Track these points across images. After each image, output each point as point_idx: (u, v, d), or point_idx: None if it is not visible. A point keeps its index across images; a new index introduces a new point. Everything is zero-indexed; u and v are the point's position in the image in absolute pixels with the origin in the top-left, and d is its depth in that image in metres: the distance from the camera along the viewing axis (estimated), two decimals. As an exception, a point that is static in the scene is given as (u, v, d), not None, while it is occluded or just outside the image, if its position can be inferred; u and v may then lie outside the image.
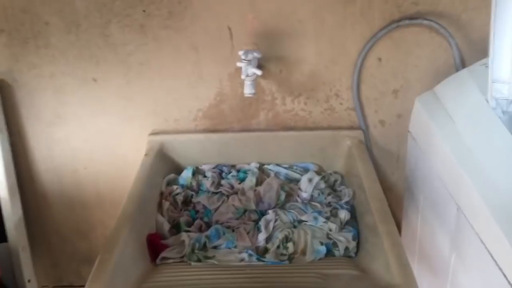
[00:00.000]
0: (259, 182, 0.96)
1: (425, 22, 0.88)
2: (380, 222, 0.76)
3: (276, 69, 0.95)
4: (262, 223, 0.85)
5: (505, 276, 0.54)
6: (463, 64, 0.90)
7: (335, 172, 0.99)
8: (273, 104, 0.99)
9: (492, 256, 0.57)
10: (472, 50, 0.91)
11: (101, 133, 1.02)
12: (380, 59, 0.94)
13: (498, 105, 0.72)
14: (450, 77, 0.84)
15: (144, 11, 0.91)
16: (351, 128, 1.00)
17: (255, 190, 0.92)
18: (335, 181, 0.97)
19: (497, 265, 0.56)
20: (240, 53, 0.87)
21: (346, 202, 0.90)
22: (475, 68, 0.80)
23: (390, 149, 1.02)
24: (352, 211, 0.89)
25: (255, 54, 0.87)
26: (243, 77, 0.85)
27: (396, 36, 0.92)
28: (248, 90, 0.86)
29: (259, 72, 0.85)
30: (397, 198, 1.04)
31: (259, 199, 0.91)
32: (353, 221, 0.87)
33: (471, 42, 0.90)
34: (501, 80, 0.72)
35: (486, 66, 0.74)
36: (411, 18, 0.89)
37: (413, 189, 0.90)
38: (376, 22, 0.90)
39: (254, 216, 0.89)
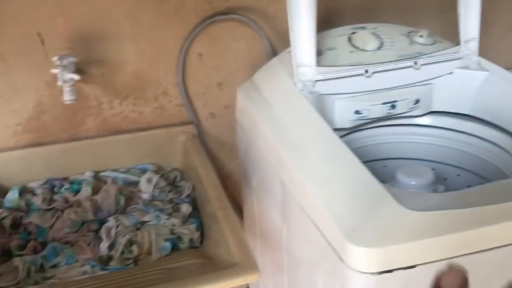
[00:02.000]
0: (96, 191, 0.93)
1: (236, 16, 0.94)
2: (219, 209, 0.80)
3: (97, 72, 0.93)
4: (102, 231, 0.83)
5: (325, 238, 0.61)
6: (274, 53, 0.99)
7: (174, 169, 1.00)
8: (100, 109, 0.96)
9: (312, 221, 0.64)
10: (281, 39, 0.99)
11: None
12: (201, 55, 0.97)
13: (304, 87, 0.80)
14: (264, 66, 0.91)
15: None
16: (183, 124, 1.02)
17: (92, 200, 0.89)
18: (175, 177, 0.99)
19: (317, 227, 0.63)
20: (54, 59, 0.82)
21: (187, 196, 0.93)
22: (283, 55, 0.88)
23: (223, 139, 1.07)
24: (194, 203, 0.92)
25: (71, 59, 0.83)
26: (59, 83, 0.81)
27: (212, 31, 0.96)
28: (67, 97, 0.82)
29: (76, 77, 0.81)
30: (236, 184, 1.09)
31: (97, 208, 0.88)
32: (196, 213, 0.90)
33: (279, 32, 0.99)
34: (303, 64, 0.80)
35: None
36: (222, 13, 0.94)
37: (247, 173, 0.96)
38: (191, 19, 0.93)
39: (93, 226, 0.86)
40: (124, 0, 0.88)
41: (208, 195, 0.84)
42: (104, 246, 0.80)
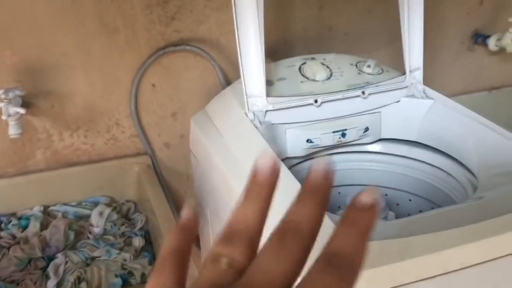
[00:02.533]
0: (45, 227, 0.90)
1: (188, 47, 0.94)
2: (170, 242, 0.78)
3: (47, 104, 0.91)
4: (50, 269, 0.80)
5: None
6: (228, 83, 0.99)
7: (128, 201, 0.99)
8: (50, 141, 0.94)
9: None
10: (235, 69, 1.00)
11: None
12: (154, 85, 0.97)
13: (255, 117, 0.81)
14: (217, 96, 0.91)
15: None
16: (137, 154, 1.01)
17: (40, 236, 0.86)
18: (129, 209, 0.97)
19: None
20: (0, 92, 0.80)
21: (140, 229, 0.91)
22: (235, 85, 0.89)
23: (179, 169, 1.06)
24: (148, 236, 0.90)
25: (17, 92, 0.82)
26: (4, 117, 0.79)
27: (165, 62, 0.96)
28: (13, 131, 0.80)
29: (22, 111, 0.80)
30: (193, 214, 1.08)
31: (45, 244, 0.85)
32: (149, 246, 0.88)
33: (233, 62, 1.00)
34: (254, 95, 0.81)
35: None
36: (175, 45, 0.94)
37: (202, 204, 0.95)
38: (143, 50, 0.93)
39: (41, 264, 0.83)
40: (73, 32, 0.88)
41: (160, 228, 0.83)
42: (51, 284, 0.78)
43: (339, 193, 0.96)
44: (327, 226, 0.57)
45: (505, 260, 0.59)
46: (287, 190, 0.65)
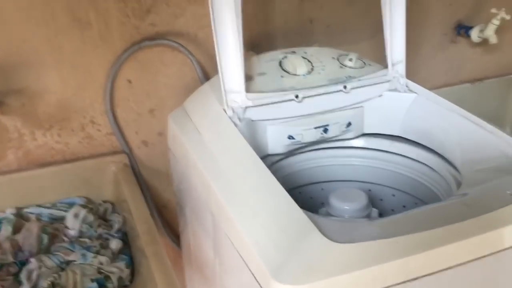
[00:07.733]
0: (18, 230, 0.86)
1: (165, 42, 0.91)
2: (147, 244, 0.76)
3: (17, 103, 0.87)
4: (23, 275, 0.77)
5: (252, 274, 0.58)
6: (207, 78, 0.96)
7: (105, 201, 0.95)
8: (21, 141, 0.90)
9: (240, 255, 0.61)
10: (214, 64, 0.97)
11: None
12: (130, 81, 0.94)
13: (234, 113, 0.78)
14: (195, 92, 0.88)
15: None
16: (114, 153, 0.97)
17: (12, 240, 0.83)
18: (106, 210, 0.94)
19: (245, 263, 0.60)
20: (-35, 91, 0.77)
21: (118, 230, 0.88)
22: (214, 81, 0.86)
23: (158, 168, 1.03)
24: (125, 238, 0.87)
25: (-16, 90, 0.78)
26: (-31, 118, 0.75)
27: (141, 57, 0.93)
28: (-20, 131, 0.76)
29: (-11, 110, 0.76)
30: (173, 213, 1.05)
31: (17, 249, 0.82)
32: (127, 248, 0.85)
33: (211, 56, 0.97)
34: (232, 91, 0.78)
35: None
36: (151, 39, 0.91)
37: (181, 203, 0.92)
38: (117, 45, 0.90)
39: (13, 269, 0.79)
40: (44, 27, 0.84)
41: (137, 229, 0.80)
42: (24, 290, 0.74)
43: (322, 189, 0.95)
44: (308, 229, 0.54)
45: (490, 259, 0.57)
46: (266, 192, 0.63)
